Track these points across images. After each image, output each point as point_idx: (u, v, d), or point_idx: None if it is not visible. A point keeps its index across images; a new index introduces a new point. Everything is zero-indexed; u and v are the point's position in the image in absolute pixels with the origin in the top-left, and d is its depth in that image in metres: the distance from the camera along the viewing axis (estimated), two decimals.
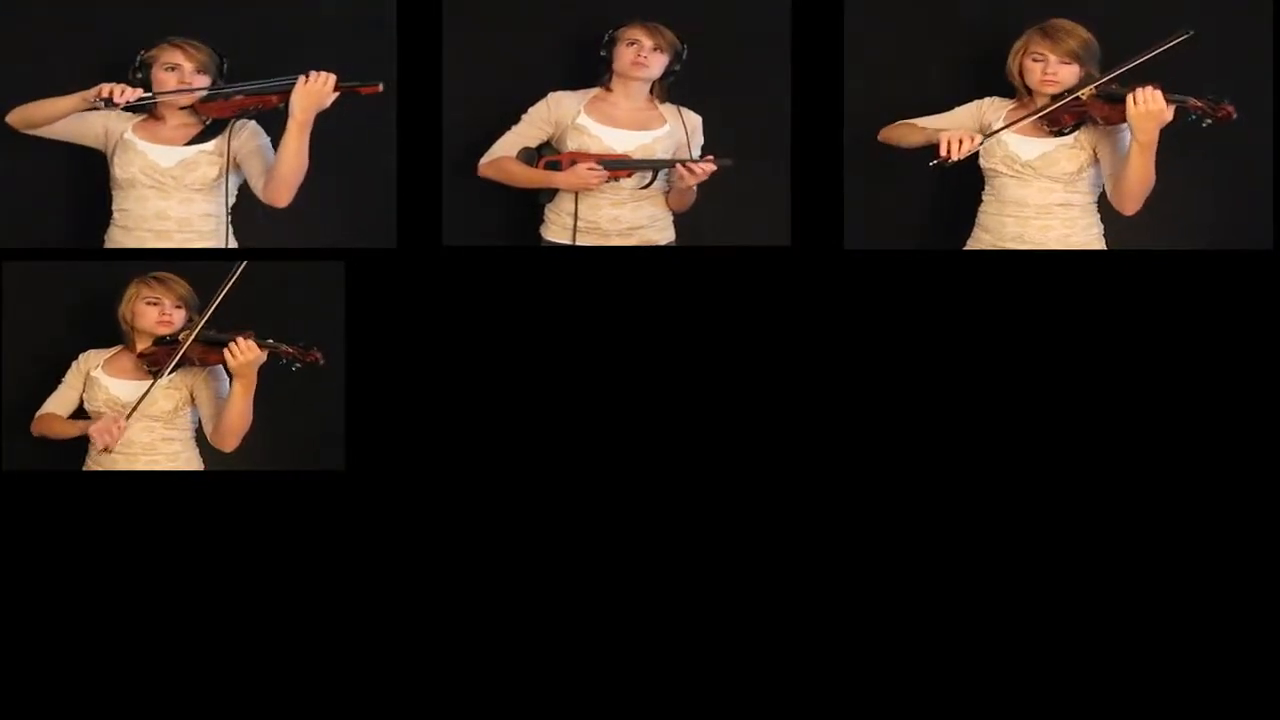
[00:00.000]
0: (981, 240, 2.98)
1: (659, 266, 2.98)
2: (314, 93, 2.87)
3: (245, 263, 2.91)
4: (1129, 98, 2.81)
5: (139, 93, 2.91)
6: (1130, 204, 2.91)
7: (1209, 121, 2.82)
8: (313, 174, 2.92)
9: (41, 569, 2.91)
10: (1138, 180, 2.87)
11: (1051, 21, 2.91)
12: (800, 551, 2.94)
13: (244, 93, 2.93)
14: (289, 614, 2.92)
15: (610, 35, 2.98)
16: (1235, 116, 2.82)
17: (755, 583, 2.94)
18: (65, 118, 2.94)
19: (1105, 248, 2.96)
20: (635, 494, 2.94)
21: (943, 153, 2.90)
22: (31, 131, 2.95)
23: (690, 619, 2.94)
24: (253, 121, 2.97)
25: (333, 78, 2.86)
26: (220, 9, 2.99)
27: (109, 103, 2.89)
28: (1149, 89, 2.80)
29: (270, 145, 2.95)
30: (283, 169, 2.91)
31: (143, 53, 2.95)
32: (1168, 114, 2.81)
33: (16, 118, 2.94)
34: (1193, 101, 2.82)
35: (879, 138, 2.97)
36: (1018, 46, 2.93)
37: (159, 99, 2.93)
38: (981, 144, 2.92)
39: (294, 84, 2.87)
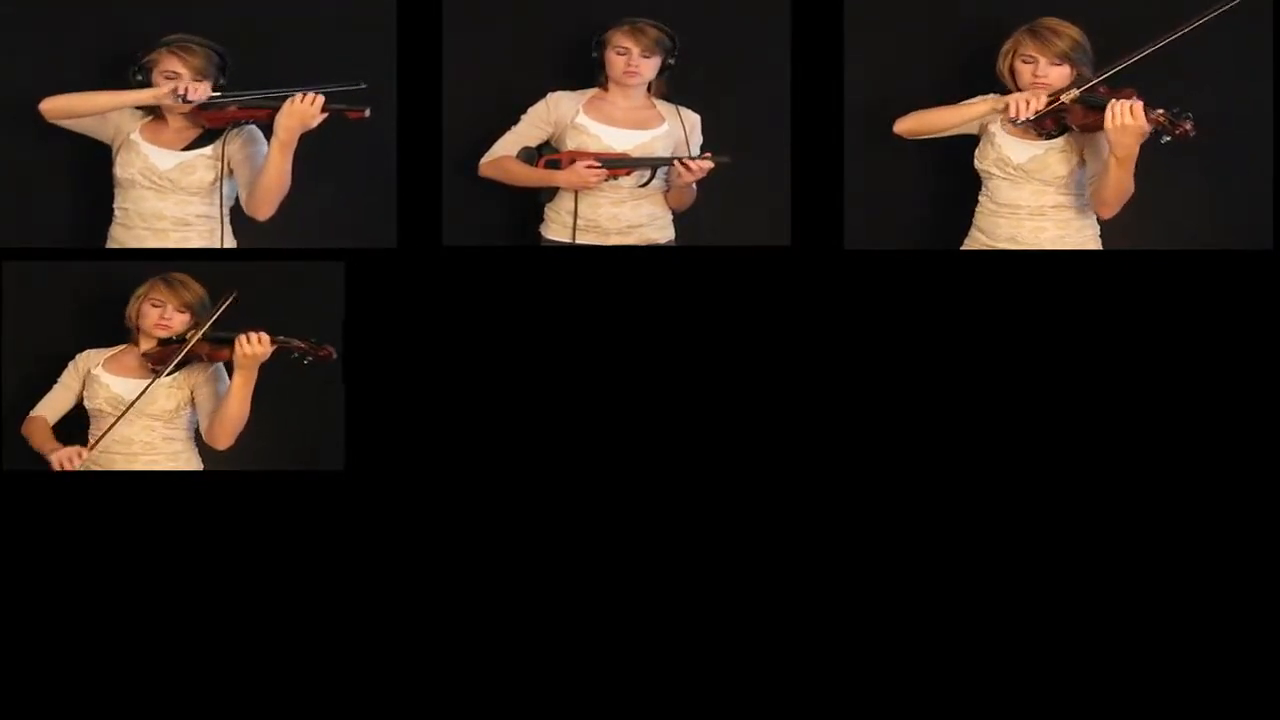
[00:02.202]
0: (977, 240, 2.97)
1: (658, 265, 2.98)
2: (298, 114, 2.87)
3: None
4: (1107, 112, 2.77)
5: (208, 90, 2.92)
6: (1106, 210, 2.90)
7: (1168, 138, 2.79)
8: (313, 174, 2.93)
9: (41, 569, 2.92)
10: (1114, 190, 2.85)
11: (1040, 21, 2.89)
12: (800, 550, 2.94)
13: (239, 104, 2.93)
14: (288, 614, 2.93)
15: (598, 39, 2.98)
16: (1193, 135, 2.76)
17: (755, 582, 2.94)
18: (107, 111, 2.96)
19: (1100, 248, 2.95)
20: (635, 493, 2.94)
21: (1012, 114, 2.87)
22: (59, 121, 2.95)
23: (690, 619, 2.94)
24: (251, 127, 2.98)
25: (320, 99, 2.86)
26: (219, 8, 2.99)
27: (185, 98, 2.91)
28: (1127, 103, 2.77)
29: (262, 154, 2.95)
30: (263, 184, 2.92)
31: (141, 58, 2.95)
32: (1148, 128, 2.77)
33: (54, 106, 2.93)
34: (1155, 114, 2.76)
35: (896, 130, 2.96)
36: (1007, 48, 2.91)
37: (215, 100, 2.94)
38: (1049, 106, 2.86)
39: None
